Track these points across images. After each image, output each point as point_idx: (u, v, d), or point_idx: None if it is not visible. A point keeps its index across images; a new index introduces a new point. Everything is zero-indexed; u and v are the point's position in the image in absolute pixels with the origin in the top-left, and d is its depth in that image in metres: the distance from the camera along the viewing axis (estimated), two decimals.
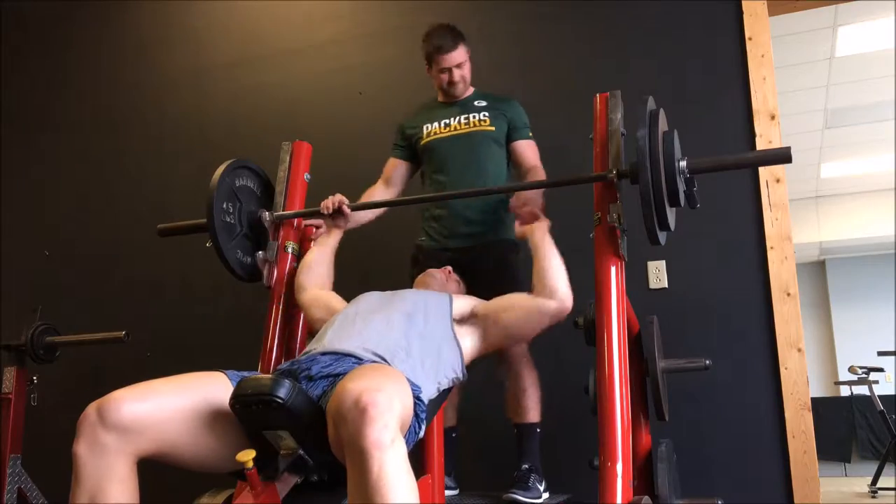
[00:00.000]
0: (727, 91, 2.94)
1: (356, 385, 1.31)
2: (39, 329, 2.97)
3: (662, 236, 1.99)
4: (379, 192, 2.73)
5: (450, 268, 2.31)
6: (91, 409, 1.42)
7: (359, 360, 1.67)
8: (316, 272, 2.26)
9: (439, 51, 2.59)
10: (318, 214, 2.38)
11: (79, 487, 1.40)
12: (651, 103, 2.02)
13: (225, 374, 1.59)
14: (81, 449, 1.40)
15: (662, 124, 2.01)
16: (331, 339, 1.78)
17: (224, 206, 2.28)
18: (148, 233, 2.63)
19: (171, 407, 1.47)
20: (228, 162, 2.34)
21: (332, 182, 2.71)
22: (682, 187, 1.99)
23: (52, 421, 3.17)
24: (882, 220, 8.13)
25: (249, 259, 2.37)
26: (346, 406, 1.29)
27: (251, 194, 2.42)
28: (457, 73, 2.61)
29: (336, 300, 2.16)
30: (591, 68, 3.14)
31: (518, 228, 2.18)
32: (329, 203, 2.35)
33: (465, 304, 2.04)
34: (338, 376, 1.59)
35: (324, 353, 1.71)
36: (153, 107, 3.92)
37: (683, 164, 1.99)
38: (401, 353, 1.73)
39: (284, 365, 1.72)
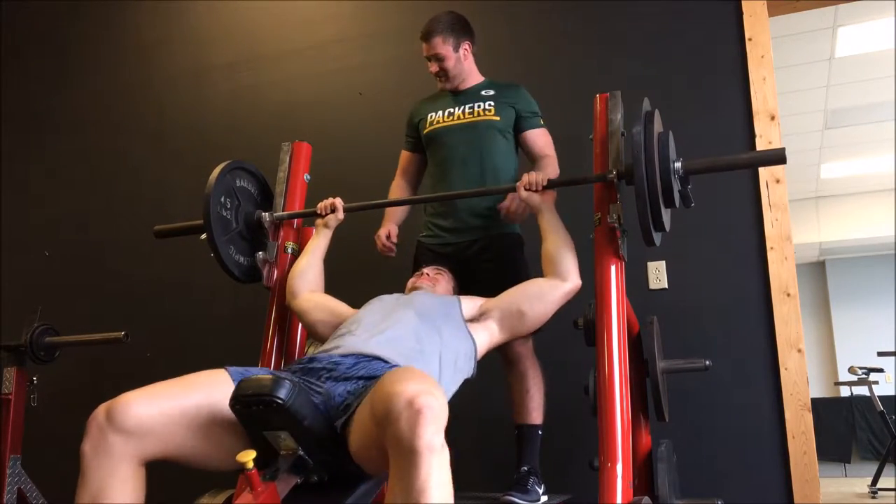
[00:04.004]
0: (727, 91, 2.94)
1: (408, 387, 1.30)
2: (39, 329, 2.96)
3: (657, 237, 1.99)
4: (397, 185, 2.73)
5: (424, 269, 2.31)
6: (100, 410, 1.46)
7: (385, 363, 1.68)
8: (307, 277, 2.27)
9: (421, 36, 2.56)
10: (316, 215, 2.38)
11: (84, 486, 1.44)
12: (646, 104, 2.02)
13: (227, 370, 1.60)
14: (88, 449, 1.44)
15: (658, 125, 2.01)
16: (351, 342, 1.79)
17: (222, 199, 2.28)
18: (148, 233, 2.63)
19: (177, 410, 1.49)
20: (228, 161, 2.35)
21: (332, 183, 2.72)
22: (676, 187, 1.99)
23: (52, 421, 3.17)
24: (882, 221, 8.12)
25: (243, 259, 2.36)
26: (399, 406, 1.27)
27: (249, 196, 2.43)
28: (434, 65, 2.56)
29: (334, 302, 2.17)
30: (591, 68, 3.14)
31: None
32: (326, 204, 2.36)
33: (472, 305, 2.07)
34: (366, 378, 1.60)
35: (345, 355, 1.71)
36: (153, 107, 3.91)
37: (678, 164, 1.99)
38: (419, 356, 1.75)
39: (304, 360, 1.74)
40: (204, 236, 2.24)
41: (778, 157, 1.98)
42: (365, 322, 1.88)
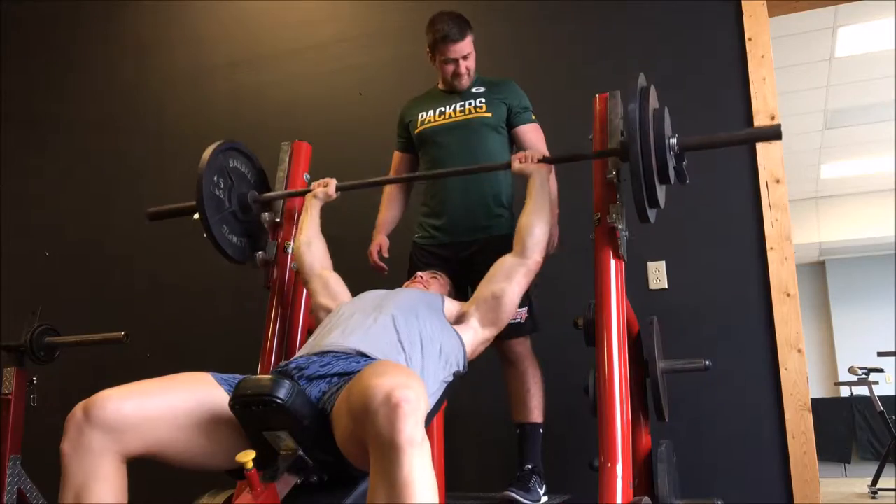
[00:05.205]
0: (727, 91, 2.94)
1: (385, 381, 1.29)
2: (39, 330, 2.96)
3: (652, 214, 1.98)
4: (390, 188, 2.72)
5: (419, 273, 2.30)
6: (77, 408, 1.44)
7: (363, 357, 1.67)
8: (315, 248, 2.26)
9: (445, 41, 2.47)
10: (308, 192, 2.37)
11: (66, 486, 1.41)
12: (642, 80, 2.01)
13: (211, 375, 1.60)
14: (68, 448, 1.42)
15: (653, 101, 2.00)
16: (329, 339, 1.78)
17: (214, 179, 2.26)
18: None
19: (157, 406, 1.47)
20: (220, 141, 2.32)
21: None
22: (672, 164, 1.98)
23: (52, 421, 3.16)
24: (882, 221, 8.12)
25: (236, 238, 2.34)
26: (377, 401, 1.26)
27: (243, 177, 2.40)
28: (463, 65, 2.51)
29: (342, 290, 2.16)
30: (591, 68, 3.14)
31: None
32: (320, 182, 2.36)
33: (454, 306, 2.05)
34: (340, 375, 1.59)
35: (321, 353, 1.70)
36: (153, 107, 3.92)
37: (674, 140, 1.98)
38: (401, 348, 1.74)
39: (281, 364, 1.73)
40: (197, 216, 2.22)
41: (774, 134, 1.97)
42: (345, 318, 1.87)
